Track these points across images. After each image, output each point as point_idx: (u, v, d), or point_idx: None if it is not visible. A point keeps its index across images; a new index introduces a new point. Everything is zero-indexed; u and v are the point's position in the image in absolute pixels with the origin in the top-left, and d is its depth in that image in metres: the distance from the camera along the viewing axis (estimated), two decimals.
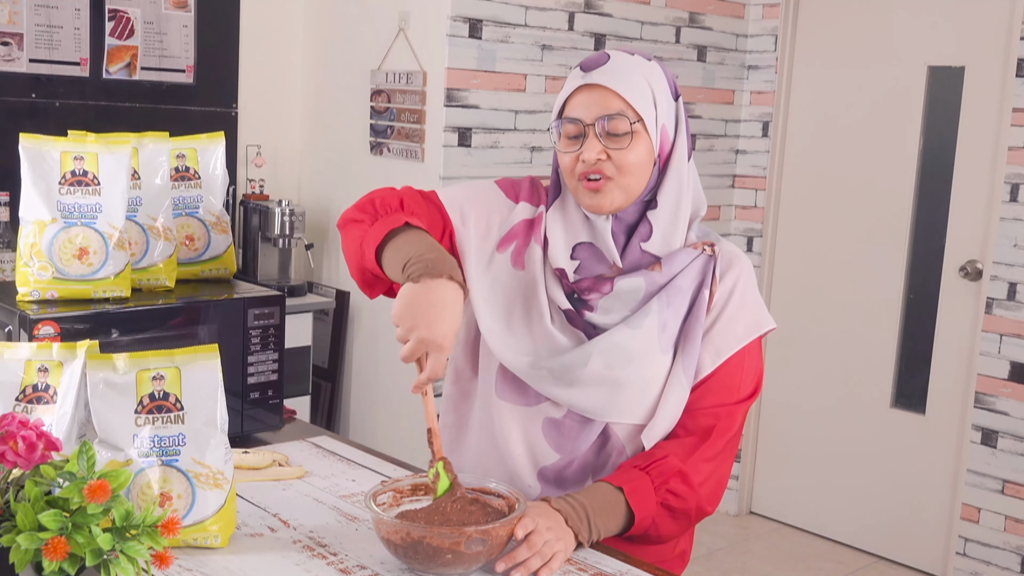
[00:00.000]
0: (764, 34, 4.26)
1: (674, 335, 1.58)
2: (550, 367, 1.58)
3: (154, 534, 1.16)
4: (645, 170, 1.56)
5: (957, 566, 3.79)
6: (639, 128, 1.54)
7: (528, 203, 1.67)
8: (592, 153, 1.53)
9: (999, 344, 3.65)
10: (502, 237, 1.65)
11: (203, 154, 2.00)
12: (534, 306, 1.62)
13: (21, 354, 1.42)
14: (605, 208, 1.56)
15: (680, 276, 1.59)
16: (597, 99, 1.54)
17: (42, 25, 3.31)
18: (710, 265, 1.61)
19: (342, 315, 3.82)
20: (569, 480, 1.62)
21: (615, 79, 1.54)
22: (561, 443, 1.61)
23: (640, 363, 1.56)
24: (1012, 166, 3.59)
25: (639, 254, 1.59)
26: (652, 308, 1.57)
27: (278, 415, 1.99)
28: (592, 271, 1.60)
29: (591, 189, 1.55)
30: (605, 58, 1.57)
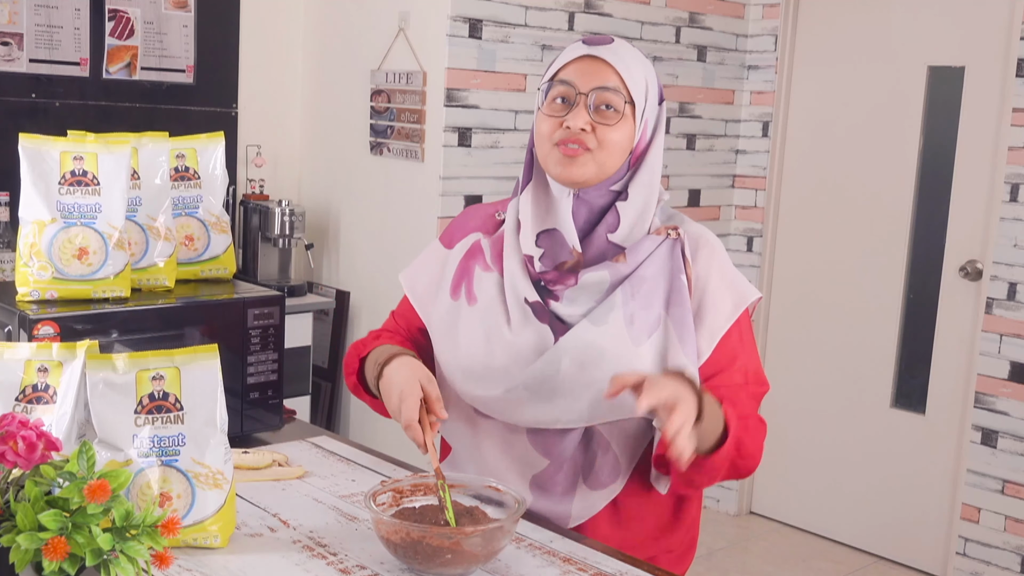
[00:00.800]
0: (764, 34, 4.26)
1: (647, 326, 1.55)
2: (525, 383, 1.56)
3: (154, 534, 1.16)
4: (623, 154, 1.56)
5: (957, 566, 3.79)
6: (628, 111, 1.55)
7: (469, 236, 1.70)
8: (579, 121, 1.53)
9: (999, 344, 3.65)
10: (451, 285, 1.67)
11: (203, 154, 2.00)
12: (493, 324, 1.60)
13: (21, 354, 1.42)
14: (575, 178, 1.55)
15: (645, 264, 1.57)
16: (596, 70, 1.54)
17: (42, 25, 3.31)
18: (677, 249, 1.59)
19: (342, 315, 3.82)
20: (559, 484, 1.61)
21: (618, 58, 1.55)
22: (548, 448, 1.60)
23: (613, 359, 1.53)
24: (1012, 166, 3.59)
25: (604, 244, 1.58)
26: (616, 301, 1.55)
27: (278, 415, 1.99)
28: (556, 257, 1.59)
29: (567, 155, 1.54)
30: (609, 40, 1.58)
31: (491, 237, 1.69)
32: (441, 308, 1.67)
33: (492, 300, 1.62)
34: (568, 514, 1.61)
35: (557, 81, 1.57)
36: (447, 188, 3.50)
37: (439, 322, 1.67)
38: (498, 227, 1.70)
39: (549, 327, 1.57)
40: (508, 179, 3.64)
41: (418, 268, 1.76)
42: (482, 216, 1.74)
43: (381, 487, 1.46)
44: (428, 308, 1.71)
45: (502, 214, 1.71)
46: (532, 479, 1.62)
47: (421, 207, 3.56)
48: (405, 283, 1.76)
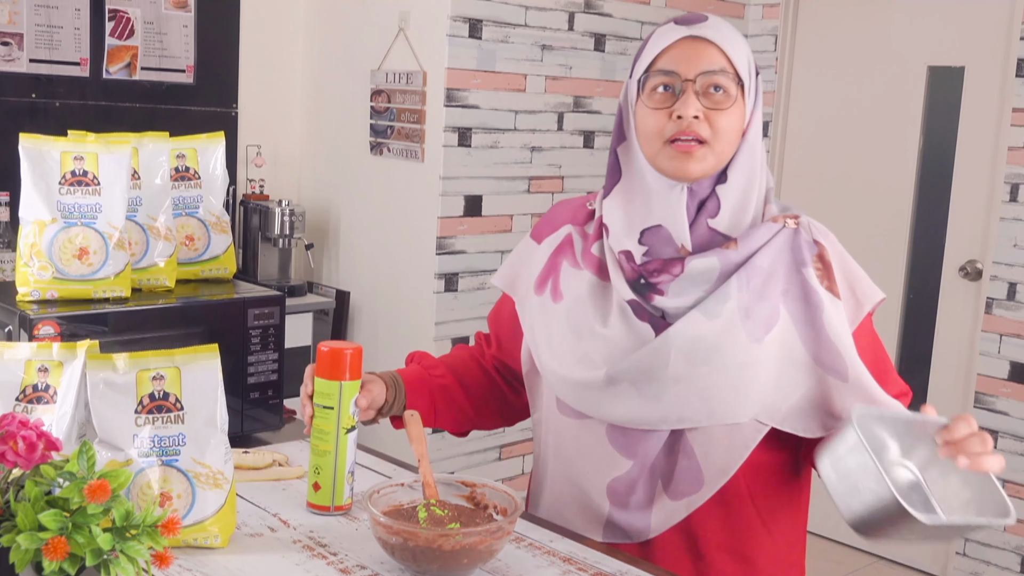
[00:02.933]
0: (764, 34, 4.26)
1: (764, 320, 1.41)
2: (628, 375, 1.43)
3: (154, 534, 1.15)
4: (736, 139, 1.44)
5: (957, 566, 3.79)
6: (739, 93, 1.42)
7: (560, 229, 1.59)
8: (690, 109, 1.40)
9: (999, 344, 3.65)
10: (536, 280, 1.58)
11: (203, 154, 2.00)
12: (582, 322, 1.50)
13: (21, 354, 1.42)
14: (693, 174, 1.42)
15: (760, 254, 1.43)
16: (700, 52, 1.42)
17: (42, 25, 3.31)
18: (799, 239, 1.45)
19: (342, 315, 3.82)
20: (639, 494, 1.49)
21: (721, 35, 1.43)
22: (631, 447, 1.48)
23: (726, 356, 1.39)
24: (1012, 166, 3.59)
25: (707, 232, 1.44)
26: (730, 292, 1.41)
27: (278, 415, 1.99)
28: (660, 255, 1.45)
29: (682, 151, 1.41)
30: (704, 17, 1.45)
31: (581, 231, 1.57)
32: (530, 303, 1.59)
33: (580, 299, 1.51)
34: (648, 525, 1.50)
35: (656, 71, 1.44)
36: (447, 188, 3.50)
37: (529, 318, 1.58)
38: (589, 217, 1.58)
39: (650, 324, 1.45)
40: (508, 179, 3.64)
41: (509, 266, 1.67)
42: (572, 208, 1.61)
43: (380, 487, 1.46)
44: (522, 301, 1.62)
45: (593, 204, 1.59)
46: (611, 484, 1.50)
47: (421, 207, 3.56)
48: (500, 283, 1.66)
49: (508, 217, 3.67)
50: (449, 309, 3.56)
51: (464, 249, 3.58)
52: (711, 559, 1.52)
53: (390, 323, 3.70)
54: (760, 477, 1.50)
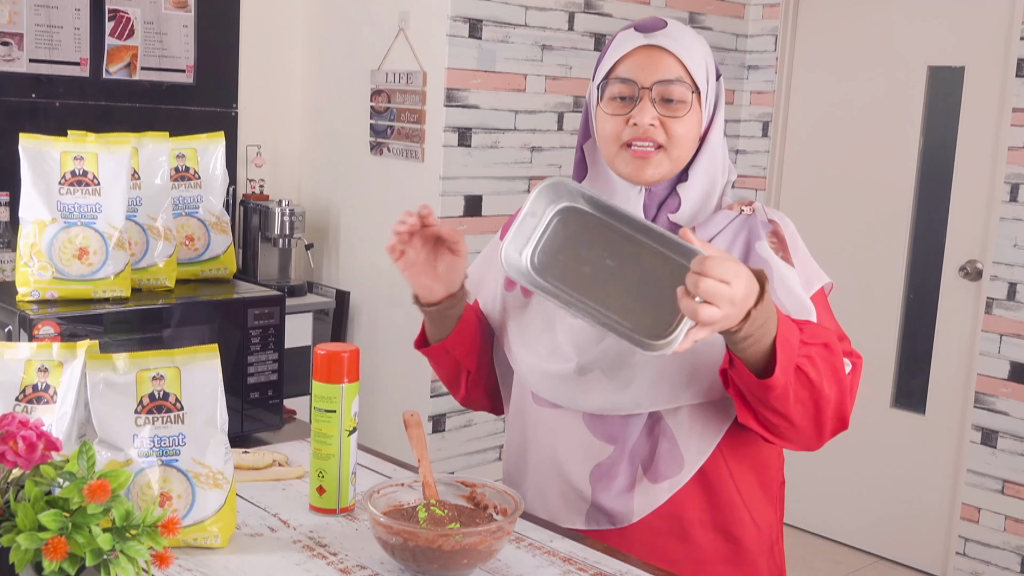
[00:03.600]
0: (764, 34, 4.26)
1: None
2: (598, 364, 1.49)
3: (154, 534, 1.15)
4: (693, 144, 1.50)
5: (957, 566, 3.79)
6: (695, 100, 1.47)
7: None
8: (646, 118, 1.45)
9: (999, 344, 3.65)
10: (505, 278, 1.63)
11: (203, 154, 2.00)
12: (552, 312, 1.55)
13: (21, 354, 1.42)
14: (647, 178, 1.48)
15: (717, 240, 1.49)
16: (657, 61, 1.46)
17: (42, 25, 3.31)
18: (754, 221, 1.51)
19: (342, 315, 3.82)
20: (621, 478, 1.52)
21: (678, 44, 1.47)
22: (611, 433, 1.52)
23: None
24: (1012, 166, 3.59)
25: (667, 225, 1.50)
26: None
27: (278, 415, 1.99)
28: None
29: (638, 156, 1.47)
30: (662, 24, 1.49)
31: None
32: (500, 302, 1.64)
33: None
34: (631, 510, 1.53)
35: (615, 79, 1.49)
36: (447, 188, 3.50)
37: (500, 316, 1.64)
38: None
39: None
40: (508, 179, 3.64)
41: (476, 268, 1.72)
42: None
43: (380, 487, 1.46)
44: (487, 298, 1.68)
45: None
46: (594, 469, 1.54)
47: None
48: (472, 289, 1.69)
49: (508, 217, 3.67)
50: None
51: None
52: (698, 539, 1.53)
53: (390, 323, 3.70)
54: (738, 455, 1.53)
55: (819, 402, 1.40)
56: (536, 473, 1.62)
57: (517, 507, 1.40)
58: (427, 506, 1.43)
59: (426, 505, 1.43)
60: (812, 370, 1.38)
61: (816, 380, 1.38)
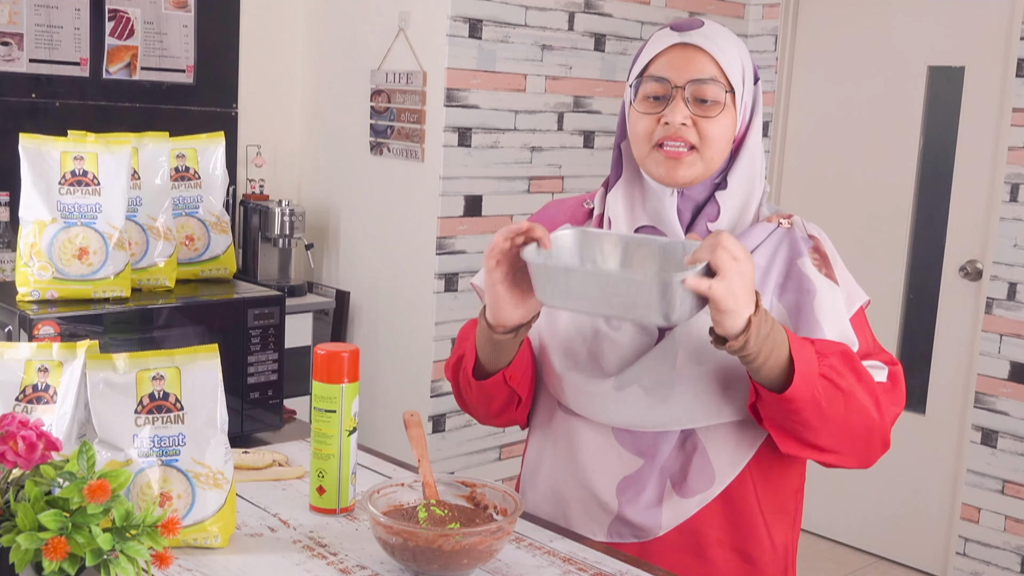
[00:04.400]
0: (764, 34, 4.26)
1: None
2: (638, 380, 1.45)
3: (154, 534, 1.16)
4: (727, 146, 1.47)
5: (957, 566, 3.79)
6: (729, 100, 1.44)
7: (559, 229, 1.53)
8: (678, 116, 1.42)
9: (999, 344, 3.65)
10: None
11: (203, 154, 2.00)
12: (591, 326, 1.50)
13: (21, 354, 1.42)
14: (680, 180, 1.45)
15: (757, 253, 1.46)
16: (691, 60, 1.43)
17: (42, 25, 3.31)
18: (794, 236, 1.49)
19: (342, 315, 3.82)
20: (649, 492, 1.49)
21: (713, 43, 1.44)
22: (641, 447, 1.49)
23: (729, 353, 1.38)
24: (1012, 166, 3.59)
25: (705, 234, 1.46)
26: None
27: (278, 415, 1.99)
28: None
29: (670, 157, 1.44)
30: (699, 23, 1.46)
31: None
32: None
33: None
34: (659, 523, 1.50)
35: (648, 77, 1.45)
36: (447, 188, 3.50)
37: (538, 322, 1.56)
38: (587, 216, 1.59)
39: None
40: (508, 179, 3.64)
41: None
42: (569, 208, 1.62)
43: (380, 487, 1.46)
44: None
45: (591, 203, 1.59)
46: (621, 482, 1.50)
47: (421, 207, 3.56)
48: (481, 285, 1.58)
49: (508, 217, 3.67)
50: (449, 309, 3.56)
51: (464, 249, 3.58)
52: (713, 557, 1.51)
53: (390, 323, 3.70)
54: (764, 474, 1.51)
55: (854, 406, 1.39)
56: (557, 482, 1.59)
57: (517, 507, 1.39)
58: (427, 506, 1.43)
59: (426, 505, 1.43)
60: (837, 376, 1.37)
61: (845, 386, 1.37)
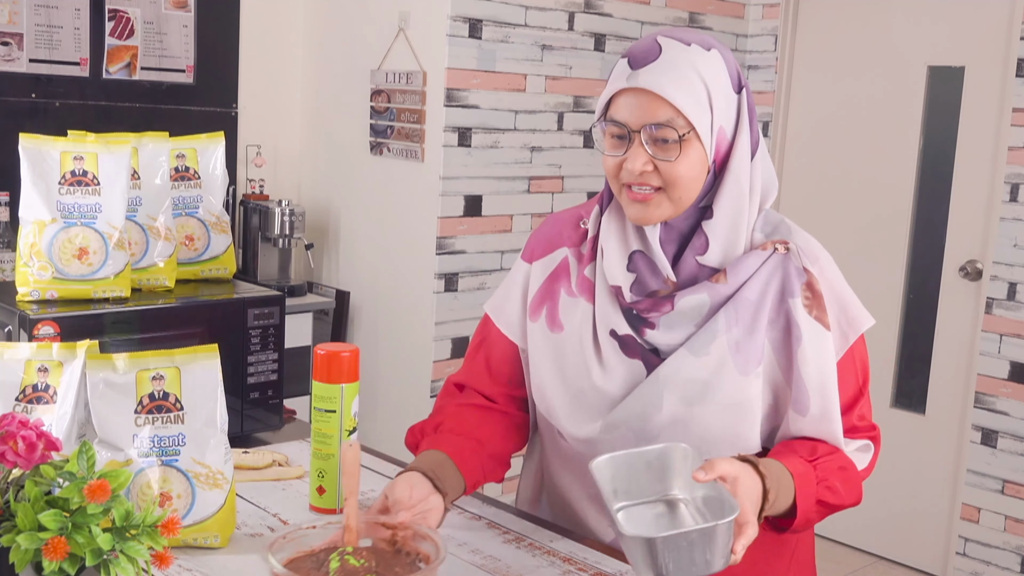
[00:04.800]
0: (764, 34, 4.26)
1: (755, 354, 1.41)
2: (627, 422, 1.44)
3: (154, 534, 1.16)
4: (697, 181, 1.41)
5: (957, 566, 3.79)
6: (690, 137, 1.38)
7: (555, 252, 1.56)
8: (637, 163, 1.39)
9: (999, 344, 3.65)
10: (531, 304, 1.55)
11: (203, 154, 2.00)
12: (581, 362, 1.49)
13: (21, 354, 1.42)
14: (652, 219, 1.42)
15: (748, 285, 1.42)
16: (644, 104, 1.38)
17: (42, 25, 3.31)
18: (789, 265, 1.43)
19: (342, 315, 3.82)
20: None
21: (665, 81, 1.37)
22: None
23: (717, 392, 1.40)
24: (1012, 166, 3.59)
25: (695, 267, 1.44)
26: (718, 327, 1.41)
27: (278, 415, 1.99)
28: (648, 285, 1.45)
29: (636, 200, 1.41)
30: (656, 52, 1.38)
31: (577, 252, 1.55)
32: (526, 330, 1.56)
33: (580, 333, 1.49)
34: None
35: (609, 120, 1.42)
36: (447, 188, 3.50)
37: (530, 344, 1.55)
38: (583, 238, 1.56)
39: (641, 361, 1.45)
40: (508, 179, 3.64)
41: (503, 294, 1.61)
42: (567, 227, 1.58)
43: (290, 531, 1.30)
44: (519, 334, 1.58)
45: (587, 222, 1.56)
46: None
47: (421, 207, 3.56)
48: (493, 313, 1.60)
49: (508, 217, 3.67)
50: (449, 309, 3.56)
51: (464, 249, 3.58)
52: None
53: (390, 323, 3.70)
54: None
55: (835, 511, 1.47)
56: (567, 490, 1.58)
57: (440, 554, 1.26)
58: (342, 554, 1.28)
59: (341, 553, 1.28)
60: (832, 497, 1.43)
61: (836, 501, 1.44)
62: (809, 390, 1.41)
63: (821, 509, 1.43)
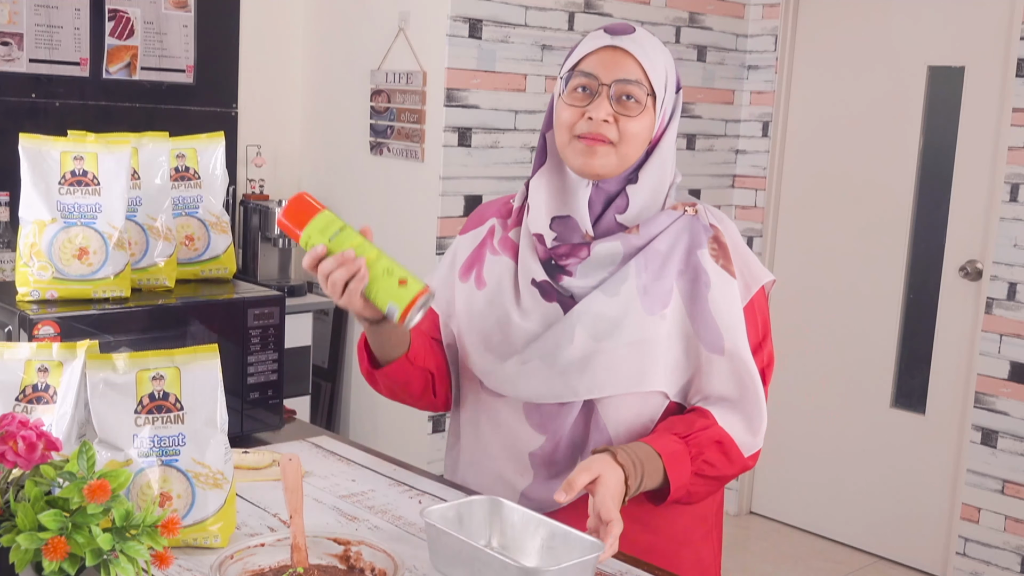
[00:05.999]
0: (764, 34, 4.26)
1: (661, 297, 1.54)
2: (539, 353, 1.55)
3: (154, 534, 1.16)
4: (643, 145, 1.56)
5: (957, 566, 3.79)
6: (650, 103, 1.54)
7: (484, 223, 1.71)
8: (601, 112, 1.52)
9: (999, 344, 3.65)
10: (461, 268, 1.69)
11: (203, 154, 2.00)
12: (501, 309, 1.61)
13: (21, 354, 1.42)
14: (595, 170, 1.55)
15: (659, 239, 1.57)
16: (618, 61, 1.53)
17: (42, 25, 3.31)
18: (697, 224, 1.59)
19: (342, 315, 3.82)
20: (560, 463, 1.59)
21: (640, 49, 1.54)
22: (544, 423, 1.58)
23: (624, 329, 1.53)
24: (1012, 166, 3.59)
25: (613, 224, 1.58)
26: (629, 272, 1.55)
27: (278, 415, 1.99)
28: (567, 241, 1.59)
29: (588, 146, 1.53)
30: (631, 29, 1.57)
31: (503, 222, 1.70)
32: (454, 291, 1.69)
33: (500, 284, 1.63)
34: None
35: (579, 72, 1.56)
36: (447, 188, 3.50)
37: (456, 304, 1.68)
38: (511, 212, 1.70)
39: (558, 304, 1.58)
40: (508, 179, 3.64)
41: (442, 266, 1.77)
42: (497, 205, 1.75)
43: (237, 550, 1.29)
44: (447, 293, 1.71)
45: (515, 201, 1.71)
46: (531, 456, 1.60)
47: (421, 207, 3.56)
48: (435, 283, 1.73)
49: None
50: None
51: None
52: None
53: None
54: None
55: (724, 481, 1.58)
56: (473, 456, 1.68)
57: (396, 569, 1.25)
58: (293, 574, 1.28)
59: (292, 573, 1.28)
60: (710, 469, 1.53)
61: (716, 474, 1.54)
62: (720, 328, 1.54)
63: (701, 481, 1.52)
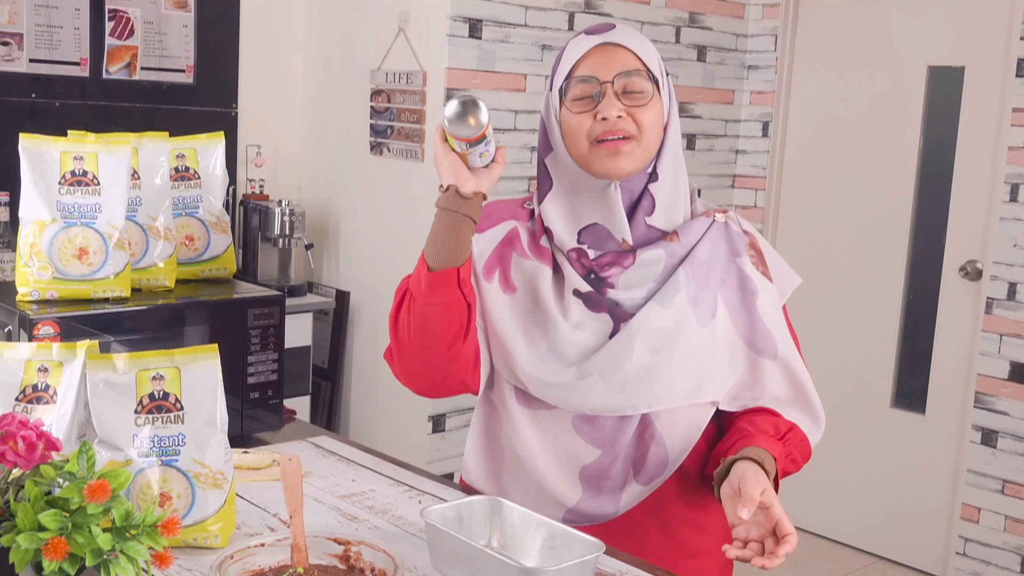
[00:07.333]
0: (764, 34, 4.26)
1: (708, 307, 1.53)
2: (599, 369, 1.50)
3: (154, 534, 1.16)
4: (660, 132, 1.52)
5: (957, 566, 3.79)
6: (654, 90, 1.51)
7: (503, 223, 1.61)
8: (613, 110, 1.48)
9: (999, 344, 3.65)
10: (483, 267, 1.59)
11: (203, 154, 2.00)
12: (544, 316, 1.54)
13: (21, 354, 1.42)
14: (623, 170, 1.50)
15: (699, 246, 1.55)
16: (613, 56, 1.50)
17: (42, 25, 3.31)
18: (731, 231, 1.58)
19: (342, 315, 3.82)
20: (613, 479, 1.55)
21: (632, 40, 1.52)
22: (598, 438, 1.54)
23: (680, 341, 1.51)
24: (1012, 166, 3.59)
25: (645, 229, 1.54)
26: (680, 282, 1.52)
27: (278, 415, 1.99)
28: (605, 248, 1.54)
29: (612, 148, 1.48)
30: (612, 25, 1.54)
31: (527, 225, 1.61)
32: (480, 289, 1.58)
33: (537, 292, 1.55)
34: (616, 509, 1.56)
35: (575, 78, 1.51)
36: None
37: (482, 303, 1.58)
38: (531, 215, 1.63)
39: (608, 314, 1.53)
40: (508, 179, 3.64)
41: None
42: (510, 206, 1.66)
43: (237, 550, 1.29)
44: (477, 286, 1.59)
45: (531, 204, 1.64)
46: (582, 472, 1.56)
47: (421, 207, 3.56)
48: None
49: None
50: None
51: None
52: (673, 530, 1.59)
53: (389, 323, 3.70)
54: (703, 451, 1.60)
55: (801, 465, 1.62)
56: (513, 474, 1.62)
57: (396, 569, 1.25)
58: (293, 574, 1.28)
59: (292, 573, 1.28)
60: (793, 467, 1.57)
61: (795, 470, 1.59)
62: (773, 333, 1.55)
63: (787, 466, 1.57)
